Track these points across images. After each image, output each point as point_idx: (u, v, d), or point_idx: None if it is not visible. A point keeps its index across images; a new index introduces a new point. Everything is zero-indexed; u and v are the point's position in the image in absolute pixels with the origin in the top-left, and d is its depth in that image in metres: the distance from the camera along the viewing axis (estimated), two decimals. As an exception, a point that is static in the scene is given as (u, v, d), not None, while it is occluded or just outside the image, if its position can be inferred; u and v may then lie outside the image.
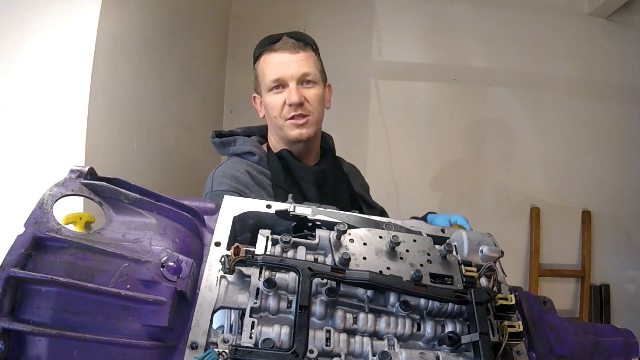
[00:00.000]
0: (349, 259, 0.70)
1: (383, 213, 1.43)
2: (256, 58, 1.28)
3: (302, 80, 1.22)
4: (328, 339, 0.64)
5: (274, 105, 1.23)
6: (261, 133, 1.38)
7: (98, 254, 0.59)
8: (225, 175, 1.22)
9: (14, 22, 1.33)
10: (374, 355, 0.65)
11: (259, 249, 0.71)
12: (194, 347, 0.60)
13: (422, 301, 0.71)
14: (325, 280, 0.69)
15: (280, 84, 1.22)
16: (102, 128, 1.47)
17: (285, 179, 1.25)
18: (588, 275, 2.81)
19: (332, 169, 1.35)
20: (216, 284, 0.67)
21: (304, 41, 1.25)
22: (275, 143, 1.33)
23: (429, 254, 0.76)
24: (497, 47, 2.93)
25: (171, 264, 0.61)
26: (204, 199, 1.19)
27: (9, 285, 0.52)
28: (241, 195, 1.15)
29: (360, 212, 1.21)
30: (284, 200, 1.12)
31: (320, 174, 1.28)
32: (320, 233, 0.76)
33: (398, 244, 0.74)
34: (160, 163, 1.94)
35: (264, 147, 1.35)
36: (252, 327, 0.63)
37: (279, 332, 0.63)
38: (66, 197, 0.65)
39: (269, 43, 1.25)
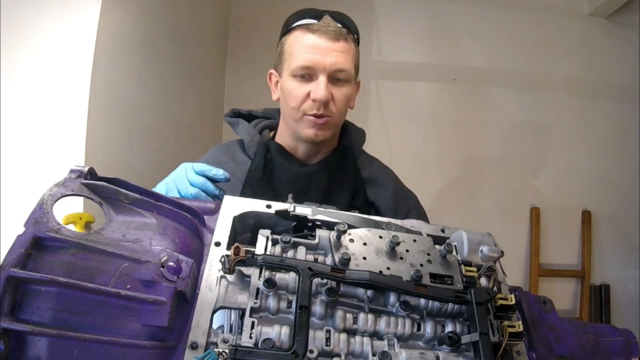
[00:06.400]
0: (349, 259, 0.70)
1: None
2: (287, 30, 1.10)
3: (334, 76, 1.05)
4: (328, 339, 0.64)
5: (296, 95, 1.06)
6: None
7: (98, 254, 0.59)
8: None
9: (14, 22, 1.33)
10: (374, 355, 0.65)
11: (259, 249, 0.71)
12: (194, 347, 0.60)
13: (422, 301, 0.71)
14: (325, 280, 0.69)
15: (308, 73, 1.05)
16: (102, 128, 1.47)
17: (262, 176, 1.11)
18: (588, 275, 2.82)
19: (334, 172, 1.16)
20: (216, 284, 0.67)
21: (347, 28, 1.07)
22: (282, 132, 1.18)
23: (429, 254, 0.76)
24: (497, 47, 2.93)
25: (171, 264, 0.61)
26: None
27: (9, 285, 0.52)
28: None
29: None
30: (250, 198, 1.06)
31: (304, 176, 1.12)
32: (320, 233, 0.76)
33: (398, 244, 0.74)
34: (160, 163, 1.94)
35: (272, 134, 1.21)
36: (252, 327, 0.63)
37: (279, 332, 0.63)
38: (66, 197, 0.65)
39: (307, 17, 1.07)
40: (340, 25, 1.06)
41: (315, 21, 1.06)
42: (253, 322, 0.63)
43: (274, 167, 1.12)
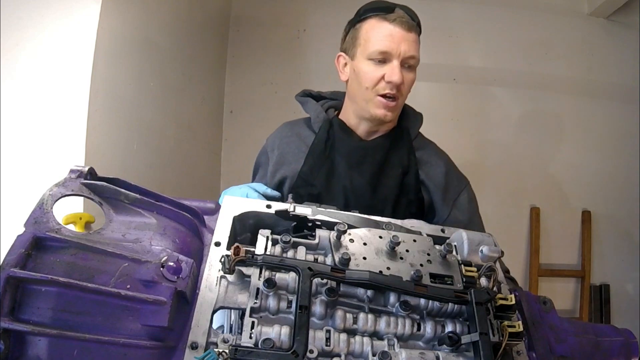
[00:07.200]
0: (349, 259, 0.70)
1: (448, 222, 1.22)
2: (361, 18, 1.20)
3: (405, 62, 1.16)
4: (328, 339, 0.64)
5: (371, 77, 1.15)
6: None
7: (98, 254, 0.59)
8: (268, 141, 1.34)
9: (14, 22, 1.33)
10: (374, 355, 0.65)
11: (259, 249, 0.71)
12: (194, 347, 0.60)
13: (422, 301, 0.71)
14: (325, 280, 0.69)
15: (384, 58, 1.14)
16: (102, 128, 1.47)
17: (324, 149, 1.23)
18: (588, 275, 2.81)
19: (390, 149, 1.24)
20: (216, 284, 0.67)
21: (415, 22, 1.18)
22: (346, 110, 1.28)
23: (429, 254, 0.76)
24: (497, 47, 2.92)
25: (171, 264, 0.61)
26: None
27: (9, 285, 0.52)
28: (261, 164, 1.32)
29: (411, 203, 1.21)
30: (311, 168, 1.21)
31: (360, 150, 1.23)
32: (320, 233, 0.76)
33: (398, 244, 0.74)
34: (160, 163, 1.93)
35: (337, 113, 1.32)
36: (252, 327, 0.63)
37: (279, 332, 0.63)
38: (66, 197, 0.65)
39: (381, 9, 1.17)
40: (410, 18, 1.17)
41: (390, 12, 1.16)
42: (253, 322, 0.63)
43: (335, 140, 1.24)
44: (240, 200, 0.82)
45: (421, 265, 0.74)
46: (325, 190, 1.21)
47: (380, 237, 0.76)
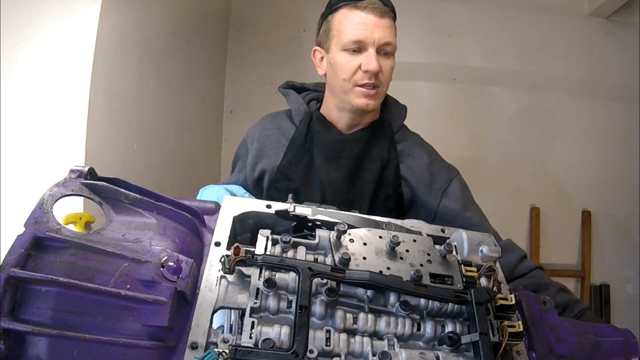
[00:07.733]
0: (349, 259, 0.70)
1: (435, 216, 1.20)
2: (332, 9, 1.17)
3: (381, 49, 1.13)
4: (328, 339, 0.64)
5: (347, 67, 1.13)
6: None
7: (98, 254, 0.59)
8: (248, 133, 1.33)
9: (14, 22, 1.33)
10: (374, 355, 0.65)
11: (259, 249, 0.71)
12: (194, 347, 0.60)
13: (422, 301, 0.71)
14: (325, 280, 0.69)
15: (359, 47, 1.12)
16: (102, 128, 1.47)
17: (304, 142, 1.22)
18: (588, 275, 2.81)
19: (368, 142, 1.22)
20: (216, 284, 0.67)
21: (388, 7, 1.15)
22: (327, 103, 1.26)
23: (429, 254, 0.76)
24: (497, 47, 2.92)
25: (171, 264, 0.61)
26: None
27: (9, 285, 0.52)
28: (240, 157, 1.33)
29: (389, 198, 1.20)
30: (290, 161, 1.21)
31: (338, 144, 1.21)
32: (320, 233, 0.76)
33: (398, 244, 0.74)
34: (160, 163, 1.94)
35: (318, 105, 1.30)
36: (252, 327, 0.63)
37: (279, 332, 0.63)
38: (66, 197, 0.65)
39: None
40: (382, 4, 1.14)
41: (361, 0, 1.13)
42: (253, 322, 0.63)
43: (314, 134, 1.23)
44: (240, 200, 0.82)
45: (421, 265, 0.74)
46: (303, 184, 1.20)
47: (380, 237, 0.76)
